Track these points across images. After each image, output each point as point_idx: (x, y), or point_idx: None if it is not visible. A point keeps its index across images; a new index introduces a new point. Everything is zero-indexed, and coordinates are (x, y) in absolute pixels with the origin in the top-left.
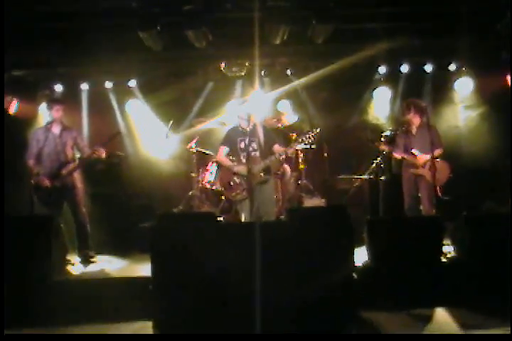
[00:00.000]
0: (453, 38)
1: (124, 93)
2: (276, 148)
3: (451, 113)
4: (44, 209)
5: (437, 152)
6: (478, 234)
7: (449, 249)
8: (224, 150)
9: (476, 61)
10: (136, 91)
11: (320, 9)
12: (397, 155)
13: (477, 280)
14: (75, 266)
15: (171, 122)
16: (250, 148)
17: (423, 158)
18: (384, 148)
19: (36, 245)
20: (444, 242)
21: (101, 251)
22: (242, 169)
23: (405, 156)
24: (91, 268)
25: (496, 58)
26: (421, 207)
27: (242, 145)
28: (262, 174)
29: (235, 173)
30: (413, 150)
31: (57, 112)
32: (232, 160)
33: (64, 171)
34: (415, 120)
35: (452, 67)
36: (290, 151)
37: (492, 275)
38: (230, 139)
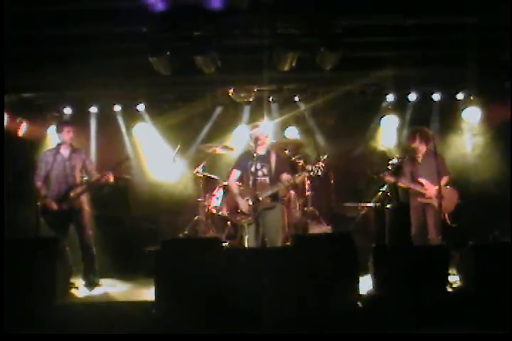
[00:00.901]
0: (461, 68)
1: (132, 117)
2: (284, 176)
3: (458, 141)
4: (50, 232)
5: (444, 180)
6: (485, 263)
7: (454, 279)
8: (236, 173)
9: (483, 90)
10: (145, 115)
11: (328, 37)
12: (403, 185)
13: (483, 310)
14: (80, 290)
15: (179, 146)
16: (260, 173)
17: (430, 186)
18: (389, 179)
19: (41, 267)
20: (450, 271)
21: (106, 275)
22: (243, 204)
23: (411, 186)
24: (95, 291)
25: (504, 87)
26: (428, 236)
27: (253, 169)
28: (269, 200)
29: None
30: (420, 179)
31: (68, 134)
32: (240, 185)
33: (72, 194)
34: (422, 148)
35: (460, 96)
36: (298, 180)
37: (498, 306)
38: (242, 163)
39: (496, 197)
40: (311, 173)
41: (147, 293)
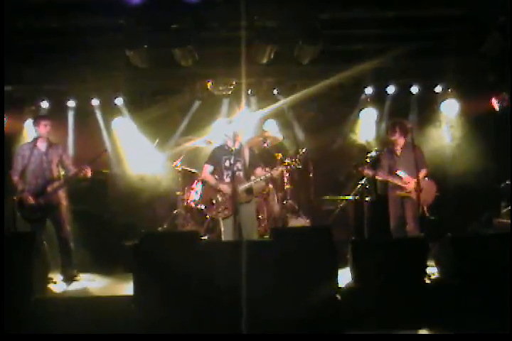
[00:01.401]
0: (439, 60)
1: (110, 111)
2: (259, 171)
3: (436, 134)
4: (27, 227)
5: (422, 173)
6: (463, 255)
7: (433, 270)
8: (208, 168)
9: (461, 83)
10: (123, 109)
11: (306, 30)
12: (382, 178)
13: (461, 301)
14: (57, 284)
15: (157, 140)
16: (235, 168)
17: (408, 179)
18: (367, 172)
19: (18, 262)
20: (429, 263)
21: (84, 269)
22: (226, 187)
23: (390, 179)
24: (73, 286)
25: (482, 80)
26: (406, 228)
27: (227, 163)
28: (244, 194)
29: (218, 191)
30: (398, 172)
31: (45, 128)
32: (216, 179)
33: (49, 188)
34: (400, 141)
35: (438, 88)
36: (274, 174)
37: (476, 297)
38: (215, 158)
39: (474, 189)
40: (288, 167)
41: (126, 288)
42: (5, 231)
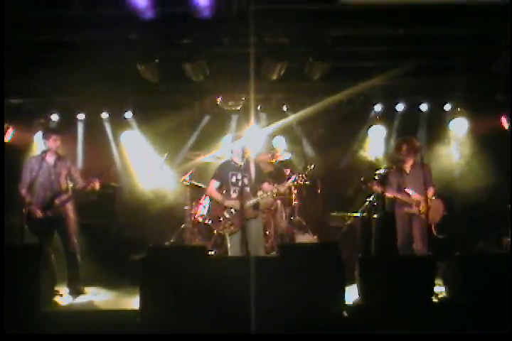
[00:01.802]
0: (449, 78)
1: (119, 124)
2: (265, 186)
3: (445, 152)
4: (35, 239)
5: (430, 191)
6: (470, 274)
7: (440, 289)
8: (215, 184)
9: (471, 101)
10: (132, 122)
11: (317, 46)
12: (390, 195)
13: (468, 320)
14: (64, 298)
15: (166, 154)
16: (241, 183)
17: (417, 197)
18: (377, 189)
19: (25, 275)
20: (436, 282)
21: (91, 283)
22: (233, 203)
23: (399, 196)
24: (80, 299)
25: (491, 99)
26: (414, 246)
27: (234, 179)
28: (251, 210)
29: (225, 207)
30: (407, 190)
31: (54, 142)
32: (223, 195)
33: (57, 201)
34: (409, 158)
35: (447, 106)
36: (281, 190)
37: (483, 316)
38: (222, 173)
39: (483, 207)
40: (295, 183)
41: (132, 302)
42: (12, 244)
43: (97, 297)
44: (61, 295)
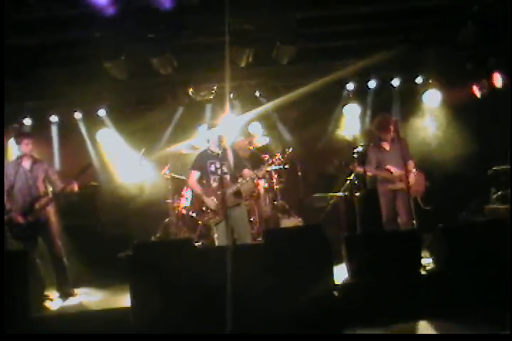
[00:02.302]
0: (418, 52)
1: (94, 123)
2: (246, 172)
3: (421, 124)
4: (19, 245)
5: (409, 165)
6: (455, 244)
7: (428, 261)
8: (195, 174)
9: (441, 73)
10: (106, 120)
11: (283, 30)
12: (371, 174)
13: (457, 291)
14: (54, 302)
15: (143, 149)
16: (220, 172)
17: (398, 172)
18: (358, 169)
19: (12, 281)
20: (423, 254)
21: (79, 284)
22: (210, 202)
23: (379, 173)
24: (70, 301)
25: (461, 69)
26: (399, 221)
27: (213, 168)
28: (233, 198)
29: (208, 198)
30: (388, 167)
31: (27, 146)
32: (203, 184)
33: (37, 206)
34: (385, 135)
35: (419, 80)
36: (260, 174)
37: (471, 286)
38: (200, 163)
39: (463, 176)
40: (273, 166)
41: (123, 300)
42: None
43: (87, 298)
44: (51, 300)
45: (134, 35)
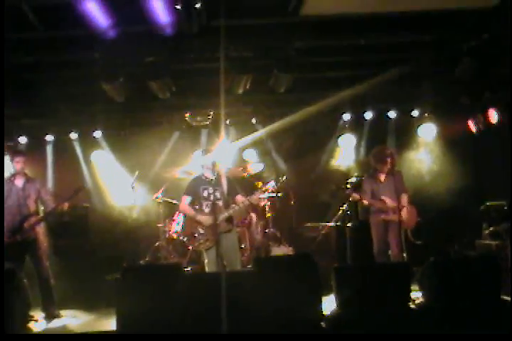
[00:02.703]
0: (414, 85)
1: (89, 144)
2: (239, 198)
3: (415, 157)
4: (6, 264)
5: (404, 197)
6: (446, 278)
7: (417, 295)
8: (186, 199)
9: (437, 107)
10: (102, 141)
11: (281, 58)
12: (366, 202)
13: (446, 325)
14: (39, 322)
15: (137, 173)
16: (213, 197)
17: (392, 203)
18: (355, 196)
19: None
20: (413, 288)
21: (66, 305)
22: (204, 218)
23: (374, 203)
24: (54, 323)
25: (457, 103)
26: (390, 253)
27: (206, 193)
28: (225, 224)
29: (198, 223)
30: (382, 197)
31: (18, 164)
32: (195, 209)
33: (26, 225)
34: (381, 167)
35: (415, 113)
36: (253, 200)
37: (461, 320)
38: (193, 188)
39: (455, 211)
40: (267, 193)
41: (109, 324)
42: None
43: (72, 320)
44: (36, 320)
45: (133, 58)
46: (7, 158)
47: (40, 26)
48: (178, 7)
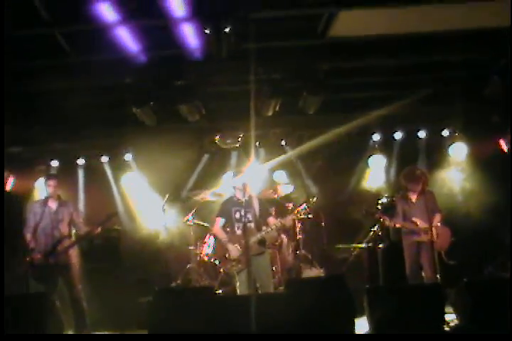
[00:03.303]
0: (444, 105)
1: (120, 167)
2: (271, 220)
3: (446, 177)
4: (39, 287)
5: (437, 218)
6: (480, 300)
7: (451, 317)
8: (220, 221)
9: (468, 126)
10: (132, 164)
11: (310, 80)
12: (398, 224)
13: None
14: None
15: (167, 195)
16: (245, 219)
17: (424, 225)
18: (385, 219)
19: (30, 324)
20: (447, 310)
21: (98, 328)
22: (234, 249)
23: (406, 225)
24: None
25: (488, 122)
26: (423, 274)
27: (238, 215)
28: (257, 246)
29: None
30: (414, 219)
31: (51, 188)
32: (227, 232)
33: (59, 248)
34: (412, 187)
35: (445, 132)
36: (286, 223)
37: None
38: (226, 210)
39: (488, 231)
40: (299, 215)
41: None
42: (17, 293)
43: None
44: None
45: (162, 81)
46: (39, 182)
47: (72, 52)
48: (208, 31)
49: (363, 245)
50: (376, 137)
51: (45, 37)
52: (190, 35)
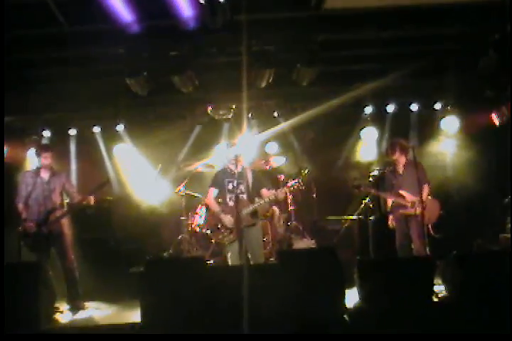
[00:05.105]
0: (437, 78)
1: (112, 137)
2: (264, 192)
3: (437, 150)
4: (32, 256)
5: (425, 188)
6: (469, 272)
7: (440, 289)
8: (213, 191)
9: (460, 100)
10: (124, 135)
11: (304, 52)
12: (384, 197)
13: (469, 318)
14: (64, 314)
15: (160, 166)
16: (238, 191)
17: (412, 198)
18: (372, 191)
19: (24, 293)
20: (436, 281)
21: (90, 297)
22: (227, 219)
23: (393, 198)
24: (80, 315)
25: (480, 96)
26: (412, 247)
27: (230, 186)
28: (249, 217)
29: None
30: (401, 191)
31: (46, 160)
32: (219, 203)
33: (51, 217)
34: (401, 160)
35: (438, 106)
36: (279, 195)
37: (484, 314)
38: (219, 181)
39: (478, 204)
40: (292, 188)
41: (133, 315)
42: (10, 262)
43: (97, 312)
44: (61, 312)
45: (156, 52)
46: (31, 152)
47: (65, 22)
48: (202, 1)
49: (354, 217)
50: (369, 109)
51: (39, 6)
52: (184, 6)
